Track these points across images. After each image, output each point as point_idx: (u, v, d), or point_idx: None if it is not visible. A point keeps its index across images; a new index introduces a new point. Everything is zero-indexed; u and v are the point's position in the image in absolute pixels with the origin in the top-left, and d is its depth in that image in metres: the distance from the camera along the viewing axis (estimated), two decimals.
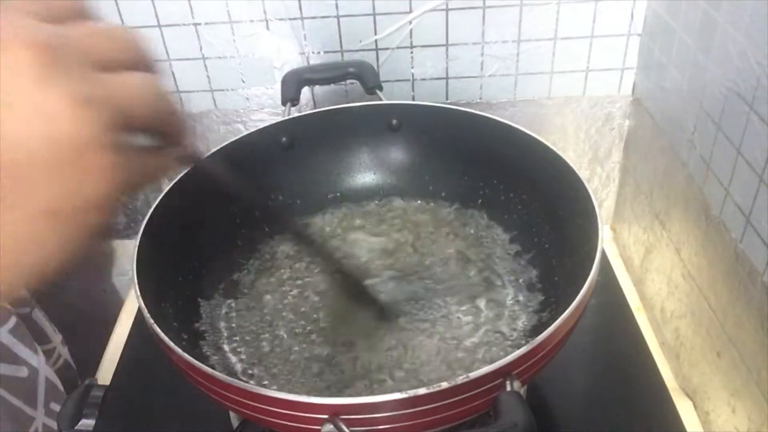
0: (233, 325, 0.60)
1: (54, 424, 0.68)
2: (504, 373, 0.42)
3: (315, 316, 0.60)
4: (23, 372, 0.65)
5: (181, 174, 0.58)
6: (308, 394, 0.52)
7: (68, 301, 0.99)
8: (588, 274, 0.47)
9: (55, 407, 0.69)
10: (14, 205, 0.23)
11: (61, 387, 0.70)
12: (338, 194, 0.72)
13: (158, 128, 0.29)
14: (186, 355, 0.44)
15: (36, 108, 0.23)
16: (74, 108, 0.23)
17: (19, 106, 0.23)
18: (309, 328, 0.59)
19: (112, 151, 0.25)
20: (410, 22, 0.75)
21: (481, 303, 0.60)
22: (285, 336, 0.59)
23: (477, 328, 0.57)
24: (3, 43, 0.23)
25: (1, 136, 0.23)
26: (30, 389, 0.66)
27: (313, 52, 0.78)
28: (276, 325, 0.60)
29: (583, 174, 0.61)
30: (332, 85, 0.78)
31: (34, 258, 0.25)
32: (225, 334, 0.59)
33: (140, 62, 0.28)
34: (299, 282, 0.64)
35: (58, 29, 0.25)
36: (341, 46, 0.77)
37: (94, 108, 0.24)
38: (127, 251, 0.95)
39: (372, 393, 0.52)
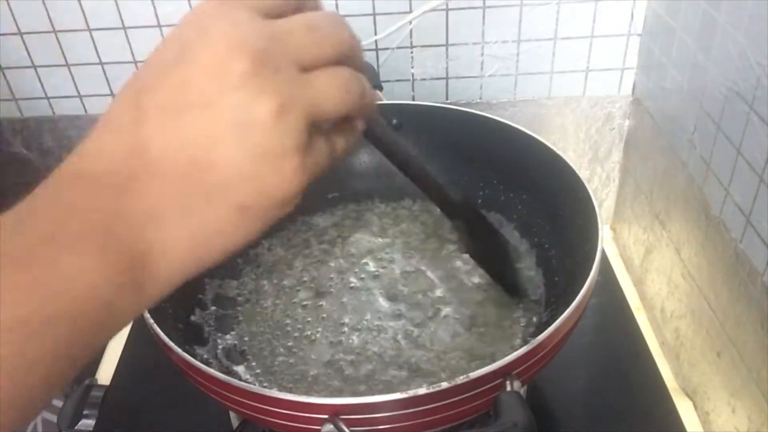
0: (233, 324, 0.60)
1: (53, 418, 0.68)
2: (504, 373, 0.42)
3: (316, 315, 0.60)
4: None
5: None
6: (308, 394, 0.52)
7: None
8: (588, 274, 0.47)
9: (53, 401, 0.68)
10: (211, 199, 0.25)
11: None
12: (338, 194, 0.72)
13: (349, 115, 0.29)
14: (186, 355, 0.45)
15: (237, 115, 0.24)
16: (276, 117, 0.24)
17: (220, 112, 0.24)
18: (309, 327, 0.59)
19: (304, 151, 0.26)
20: (410, 22, 0.75)
21: (481, 303, 0.60)
22: (286, 335, 0.59)
23: (477, 328, 0.57)
24: (216, 48, 0.24)
25: (206, 138, 0.24)
26: None
27: None
28: (276, 325, 0.60)
29: (583, 174, 0.61)
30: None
31: (221, 245, 0.27)
32: (225, 334, 0.59)
33: (346, 55, 0.28)
34: (300, 282, 0.64)
35: (273, 28, 0.25)
36: None
37: (294, 115, 0.25)
38: None
39: (372, 393, 0.52)
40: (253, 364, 0.56)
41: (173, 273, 0.26)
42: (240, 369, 0.56)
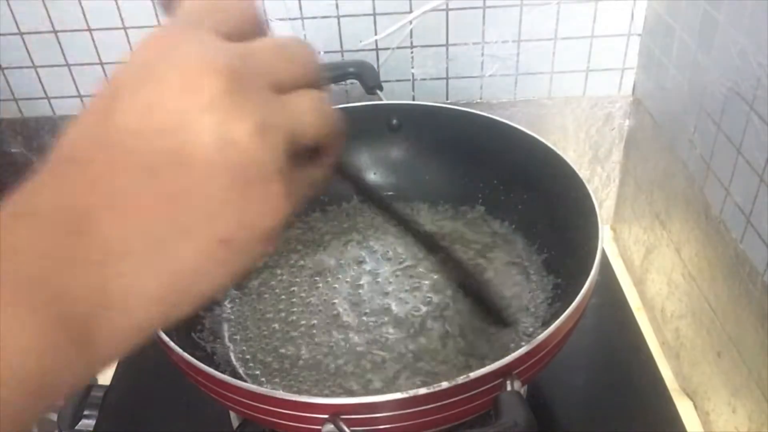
0: (233, 324, 0.60)
1: (52, 417, 0.67)
2: (504, 373, 0.42)
3: (317, 315, 0.60)
4: None
5: None
6: (308, 394, 0.52)
7: None
8: (588, 274, 0.47)
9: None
10: (187, 233, 0.23)
11: None
12: (338, 194, 0.72)
13: (321, 144, 0.28)
14: (186, 355, 0.45)
15: (215, 136, 0.22)
16: (253, 137, 0.22)
17: (198, 132, 0.22)
18: (310, 327, 0.59)
19: (286, 178, 0.24)
20: (410, 22, 0.75)
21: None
22: (286, 335, 0.58)
23: (477, 328, 0.57)
24: (186, 67, 0.22)
25: (178, 163, 0.22)
26: None
27: None
28: (277, 324, 0.60)
29: (583, 174, 0.61)
30: (332, 85, 0.78)
31: (197, 288, 0.24)
32: (225, 334, 0.59)
33: (313, 79, 0.27)
34: (301, 281, 0.64)
35: (240, 49, 0.24)
36: (341, 46, 0.77)
37: (272, 135, 0.23)
38: None
39: (372, 393, 0.52)
40: (253, 364, 0.56)
41: (133, 325, 0.23)
42: (240, 369, 0.56)
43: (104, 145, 0.22)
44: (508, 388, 0.42)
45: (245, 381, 0.53)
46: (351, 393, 0.53)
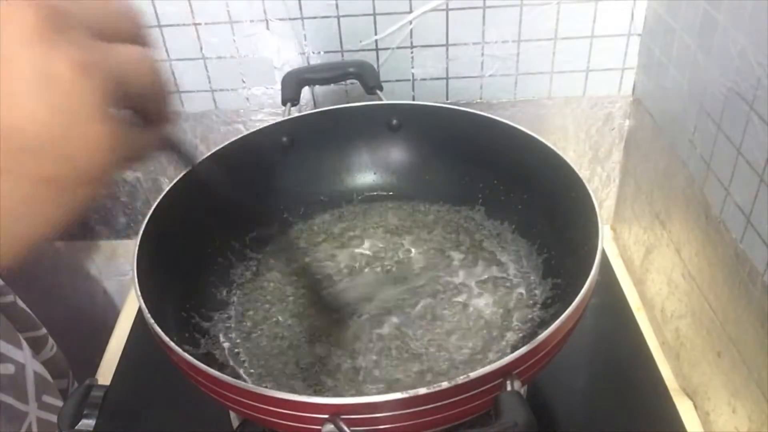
0: (233, 324, 0.60)
1: (49, 416, 0.67)
2: (504, 373, 0.42)
3: (317, 315, 0.60)
4: (9, 369, 0.65)
5: (181, 174, 0.58)
6: (309, 394, 0.52)
7: (68, 302, 0.99)
8: (588, 274, 0.47)
9: (48, 399, 0.68)
10: (11, 171, 0.23)
11: (50, 378, 0.70)
12: (338, 194, 0.72)
13: (147, 104, 0.28)
14: (186, 355, 0.44)
15: (37, 69, 0.22)
16: (74, 72, 0.23)
17: (19, 65, 0.22)
18: (311, 327, 0.59)
19: (109, 121, 0.24)
20: (410, 22, 0.75)
21: (481, 303, 0.60)
22: (286, 335, 0.59)
23: (478, 328, 0.57)
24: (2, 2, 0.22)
25: (0, 98, 0.22)
26: (19, 385, 0.65)
27: (313, 52, 0.78)
28: (277, 325, 0.60)
29: (583, 174, 0.61)
30: (332, 85, 0.78)
31: (29, 226, 0.24)
32: (225, 334, 0.59)
33: (138, 36, 0.27)
34: (301, 282, 0.64)
35: None
36: (341, 46, 0.77)
37: (94, 75, 0.23)
38: (127, 251, 0.95)
39: (373, 393, 0.52)
40: (253, 364, 0.56)
41: None
42: (240, 369, 0.56)
43: None
44: (508, 388, 0.42)
45: (245, 381, 0.54)
46: (351, 393, 0.53)
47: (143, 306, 0.48)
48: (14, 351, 0.67)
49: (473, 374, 0.41)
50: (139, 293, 0.48)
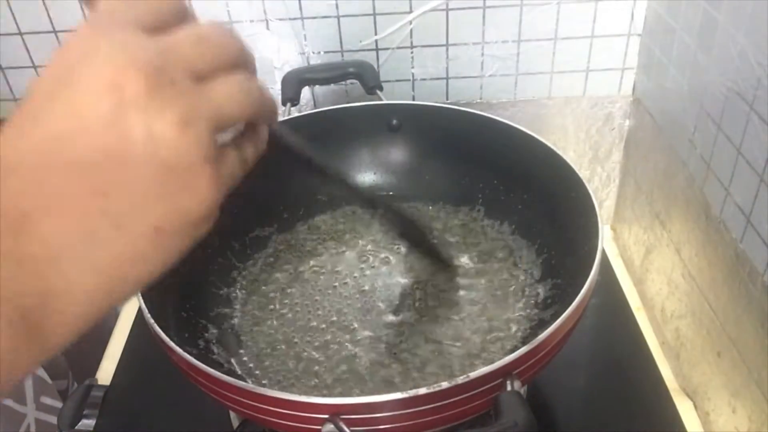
0: (234, 324, 0.60)
1: (47, 417, 0.67)
2: (504, 373, 0.42)
3: (317, 315, 0.60)
4: None
5: None
6: (309, 394, 0.52)
7: None
8: (588, 274, 0.47)
9: (46, 400, 0.68)
10: (121, 225, 0.24)
11: (49, 380, 0.70)
12: (338, 194, 0.72)
13: (253, 120, 0.29)
14: (186, 355, 0.44)
15: (139, 133, 0.23)
16: (177, 130, 0.23)
17: (118, 131, 0.23)
18: (311, 327, 0.59)
19: (214, 163, 0.25)
20: (410, 22, 0.75)
21: (481, 303, 0.60)
22: (286, 335, 0.59)
23: (478, 328, 0.57)
24: (105, 68, 0.23)
25: (107, 160, 0.23)
26: (17, 386, 0.65)
27: (313, 52, 0.78)
28: (277, 325, 0.60)
29: (583, 174, 0.61)
30: (332, 85, 0.78)
31: (137, 274, 0.25)
32: (225, 334, 0.59)
33: (238, 62, 0.27)
34: (301, 282, 0.64)
35: (159, 43, 0.25)
36: (341, 46, 0.77)
37: (196, 125, 0.24)
38: None
39: (373, 393, 0.52)
40: (253, 364, 0.56)
41: (81, 313, 0.24)
42: (240, 369, 0.56)
43: (33, 151, 0.23)
44: (508, 388, 0.42)
45: (245, 381, 0.53)
46: (351, 393, 0.53)
47: (143, 306, 0.48)
48: None
49: (473, 374, 0.41)
50: (139, 293, 0.48)
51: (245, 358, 0.57)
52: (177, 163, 0.24)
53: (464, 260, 0.64)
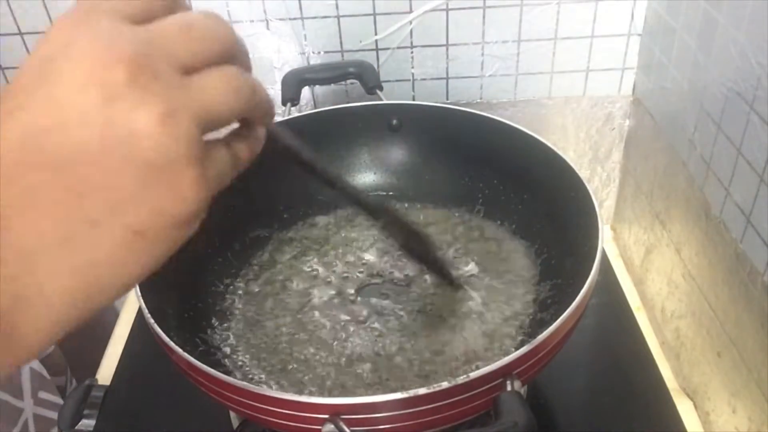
0: (234, 324, 0.60)
1: (45, 413, 0.67)
2: (504, 373, 0.42)
3: (317, 316, 0.60)
4: None
5: None
6: (309, 394, 0.52)
7: None
8: (588, 274, 0.47)
9: (44, 395, 0.68)
10: (101, 227, 0.22)
11: (47, 375, 0.70)
12: (338, 194, 0.72)
13: (245, 117, 0.27)
14: (186, 355, 0.44)
15: (118, 127, 0.22)
16: (160, 125, 0.22)
17: (97, 125, 0.22)
18: (311, 328, 0.59)
19: (201, 162, 0.23)
20: (410, 22, 0.75)
21: (481, 303, 0.60)
22: (286, 336, 0.58)
23: (478, 328, 0.57)
24: (86, 60, 0.22)
25: (84, 157, 0.22)
26: (14, 381, 0.65)
27: (313, 52, 0.78)
28: (277, 325, 0.60)
29: (583, 174, 0.61)
30: (332, 85, 0.78)
31: (116, 279, 0.24)
32: (225, 334, 0.59)
33: (230, 55, 0.26)
34: (301, 283, 0.64)
35: (143, 33, 0.23)
36: (341, 46, 0.77)
37: (180, 121, 0.23)
38: None
39: (372, 393, 0.52)
40: (253, 363, 0.56)
41: (56, 318, 0.23)
42: (241, 369, 0.56)
43: (10, 149, 0.22)
44: (508, 388, 0.42)
45: (245, 381, 0.54)
46: (351, 393, 0.53)
47: (143, 306, 0.48)
48: None
49: (473, 374, 0.41)
50: (139, 293, 0.48)
51: (245, 358, 0.57)
52: (159, 161, 0.22)
53: (464, 260, 0.64)
